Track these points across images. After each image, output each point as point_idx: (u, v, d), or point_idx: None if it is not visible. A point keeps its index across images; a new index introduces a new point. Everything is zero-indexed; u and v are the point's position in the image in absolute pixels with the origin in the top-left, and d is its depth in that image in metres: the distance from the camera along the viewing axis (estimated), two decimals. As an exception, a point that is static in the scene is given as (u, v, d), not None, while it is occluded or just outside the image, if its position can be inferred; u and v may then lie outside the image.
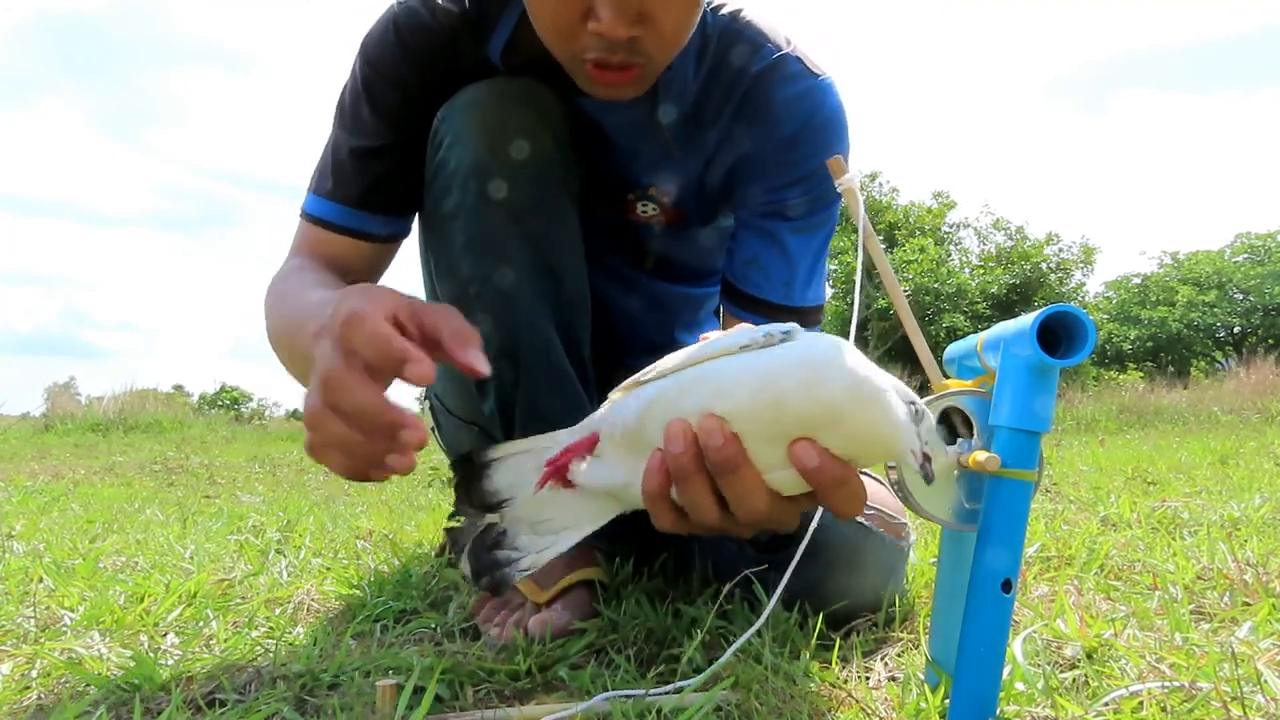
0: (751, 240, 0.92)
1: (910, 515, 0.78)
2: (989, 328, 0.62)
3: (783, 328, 0.54)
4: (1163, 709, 0.60)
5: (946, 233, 22.24)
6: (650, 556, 1.01)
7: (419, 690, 0.63)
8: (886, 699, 0.66)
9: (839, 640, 0.77)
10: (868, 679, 0.70)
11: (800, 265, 0.91)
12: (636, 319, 1.09)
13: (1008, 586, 0.56)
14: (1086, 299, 21.96)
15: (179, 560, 1.22)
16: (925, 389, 0.65)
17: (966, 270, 21.16)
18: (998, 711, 0.57)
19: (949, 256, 21.37)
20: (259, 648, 0.79)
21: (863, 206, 0.65)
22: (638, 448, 0.57)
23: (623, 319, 1.08)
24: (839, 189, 0.66)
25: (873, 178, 21.72)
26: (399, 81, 0.86)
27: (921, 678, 0.66)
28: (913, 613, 0.87)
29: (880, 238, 0.78)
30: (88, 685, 0.70)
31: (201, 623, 0.89)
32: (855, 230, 0.64)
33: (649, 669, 0.72)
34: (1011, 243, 21.78)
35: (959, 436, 0.61)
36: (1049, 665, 0.69)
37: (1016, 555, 0.56)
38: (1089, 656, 0.72)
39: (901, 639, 0.81)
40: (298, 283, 0.84)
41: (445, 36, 0.86)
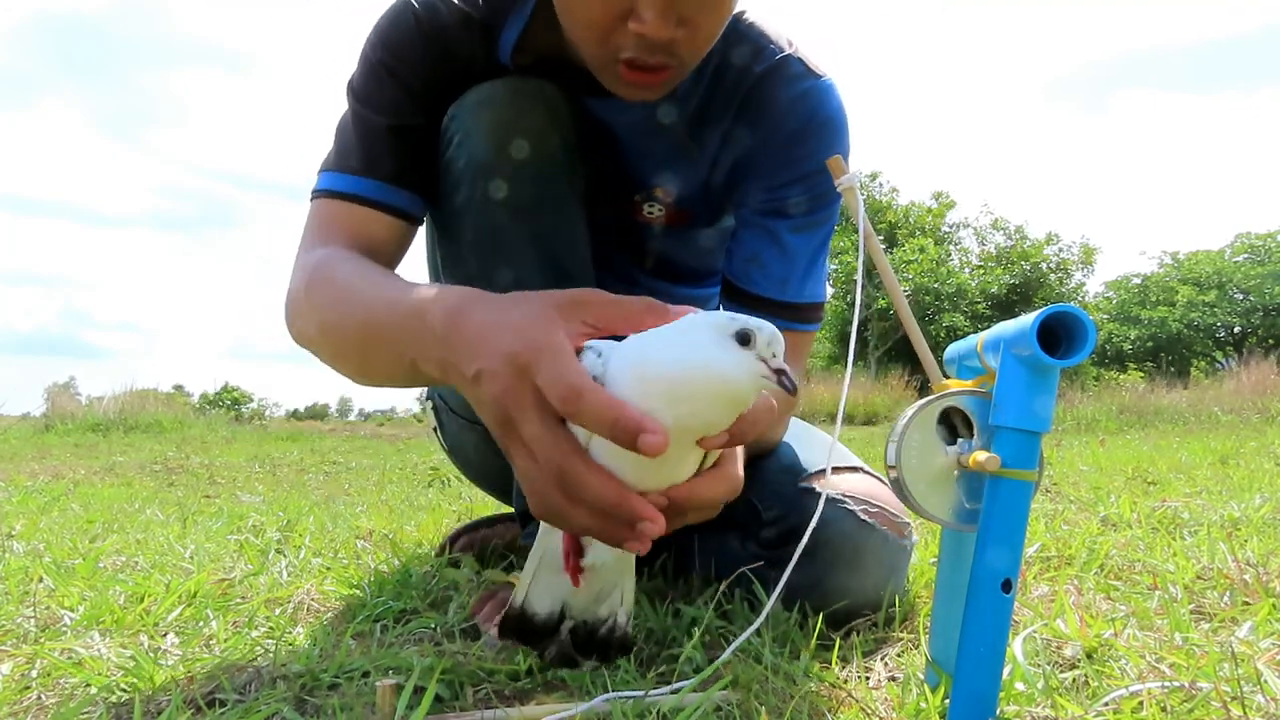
0: (751, 238, 0.92)
1: (912, 514, 0.78)
2: (989, 328, 0.62)
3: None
4: (1163, 709, 0.60)
5: (946, 233, 22.26)
6: (650, 556, 1.01)
7: (419, 690, 0.63)
8: (886, 699, 0.66)
9: (839, 640, 0.77)
10: (868, 679, 0.70)
11: (799, 263, 0.91)
12: None
13: (1008, 586, 0.56)
14: (1086, 299, 21.98)
15: (179, 560, 1.22)
16: (925, 389, 0.65)
17: (966, 270, 21.19)
18: (998, 711, 0.57)
19: (949, 256, 21.39)
20: (259, 648, 0.79)
21: (863, 206, 0.65)
22: None
23: None
24: (839, 189, 0.66)
25: (873, 177, 21.74)
26: (419, 65, 0.85)
27: (921, 678, 0.66)
28: (913, 613, 0.87)
29: (880, 237, 0.78)
30: (88, 685, 0.70)
31: (201, 623, 0.89)
32: (855, 230, 0.64)
33: (649, 669, 0.72)
34: (1011, 243, 21.80)
35: (959, 436, 0.61)
36: (1049, 665, 0.69)
37: (1016, 555, 0.56)
38: (1089, 656, 0.72)
39: (901, 639, 0.81)
40: (353, 270, 0.77)
41: (458, 31, 0.86)
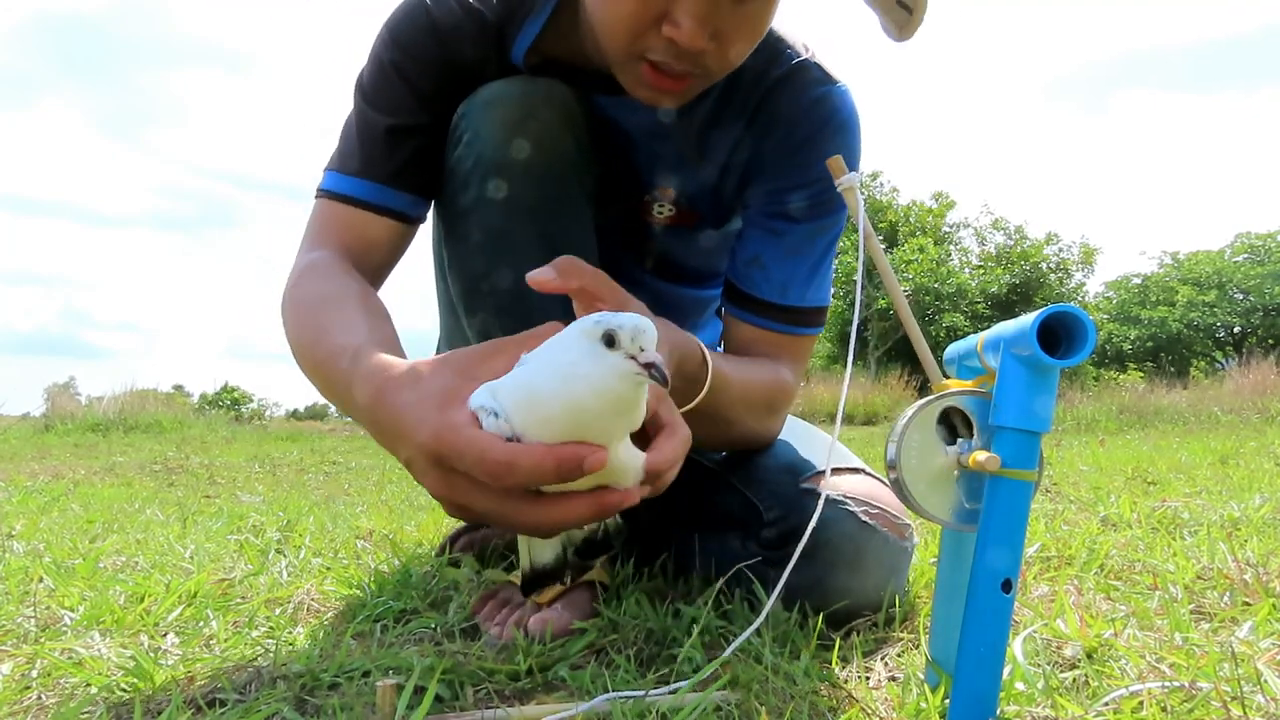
0: (755, 240, 0.92)
1: (912, 515, 0.78)
2: (989, 328, 0.62)
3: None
4: (1163, 709, 0.60)
5: (946, 233, 22.26)
6: (650, 556, 1.01)
7: (419, 690, 0.63)
8: (886, 699, 0.66)
9: (839, 640, 0.77)
10: (868, 679, 0.70)
11: (802, 267, 0.91)
12: None
13: (1008, 586, 0.56)
14: (1086, 299, 21.99)
15: (179, 560, 1.22)
16: (925, 389, 0.65)
17: (966, 270, 21.19)
18: (998, 711, 0.57)
19: (949, 256, 21.39)
20: (259, 648, 0.79)
21: (863, 206, 0.65)
22: None
23: None
24: (839, 188, 0.66)
25: (874, 177, 21.75)
26: (430, 64, 0.85)
27: (921, 678, 0.66)
28: (913, 613, 0.87)
29: (880, 237, 0.78)
30: (88, 685, 0.70)
31: (201, 623, 0.89)
32: (855, 230, 0.65)
33: (649, 669, 0.72)
34: (1011, 243, 21.80)
35: (959, 436, 0.61)
36: (1049, 665, 0.69)
37: (1016, 555, 0.56)
38: (1089, 656, 0.72)
39: (901, 639, 0.81)
40: (321, 297, 0.79)
41: (470, 30, 0.86)
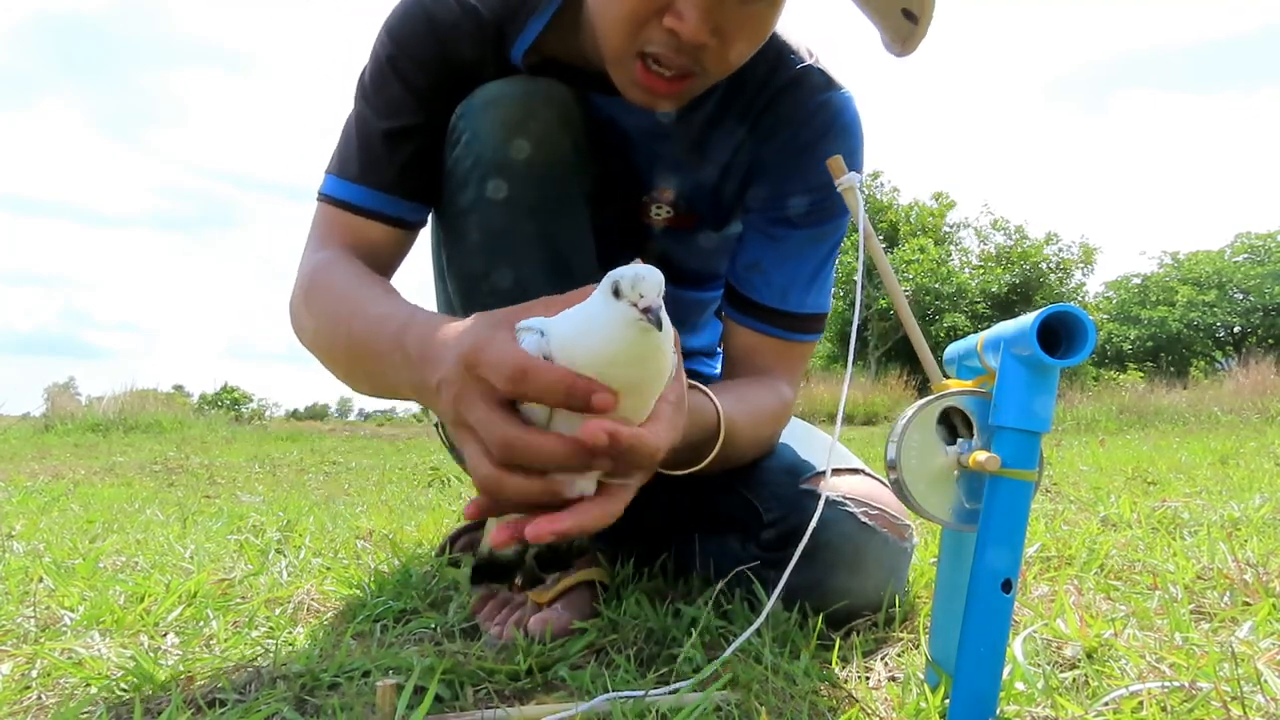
0: (756, 245, 0.92)
1: (912, 515, 0.78)
2: (989, 327, 0.62)
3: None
4: (1163, 709, 0.60)
5: (947, 233, 22.25)
6: (650, 556, 1.01)
7: (419, 690, 0.63)
8: (886, 699, 0.66)
9: (839, 640, 0.77)
10: (868, 679, 0.70)
11: (803, 272, 0.91)
12: None
13: (1008, 586, 0.56)
14: (1086, 299, 21.99)
15: (179, 560, 1.22)
16: (925, 389, 0.65)
17: (966, 270, 21.18)
18: (998, 711, 0.57)
19: (949, 256, 21.39)
20: (259, 648, 0.79)
21: (863, 207, 0.65)
22: None
23: None
24: (839, 189, 0.66)
25: (874, 177, 21.75)
26: (427, 64, 0.85)
27: (921, 678, 0.66)
28: (913, 613, 0.87)
29: (881, 237, 0.78)
30: (88, 685, 0.70)
31: (201, 623, 0.89)
32: (855, 230, 0.65)
33: (649, 669, 0.72)
34: (1011, 243, 21.80)
35: (959, 436, 0.61)
36: (1049, 665, 0.69)
37: (1016, 555, 0.56)
38: (1089, 656, 0.72)
39: (901, 639, 0.81)
40: (346, 282, 0.80)
41: (469, 30, 0.86)
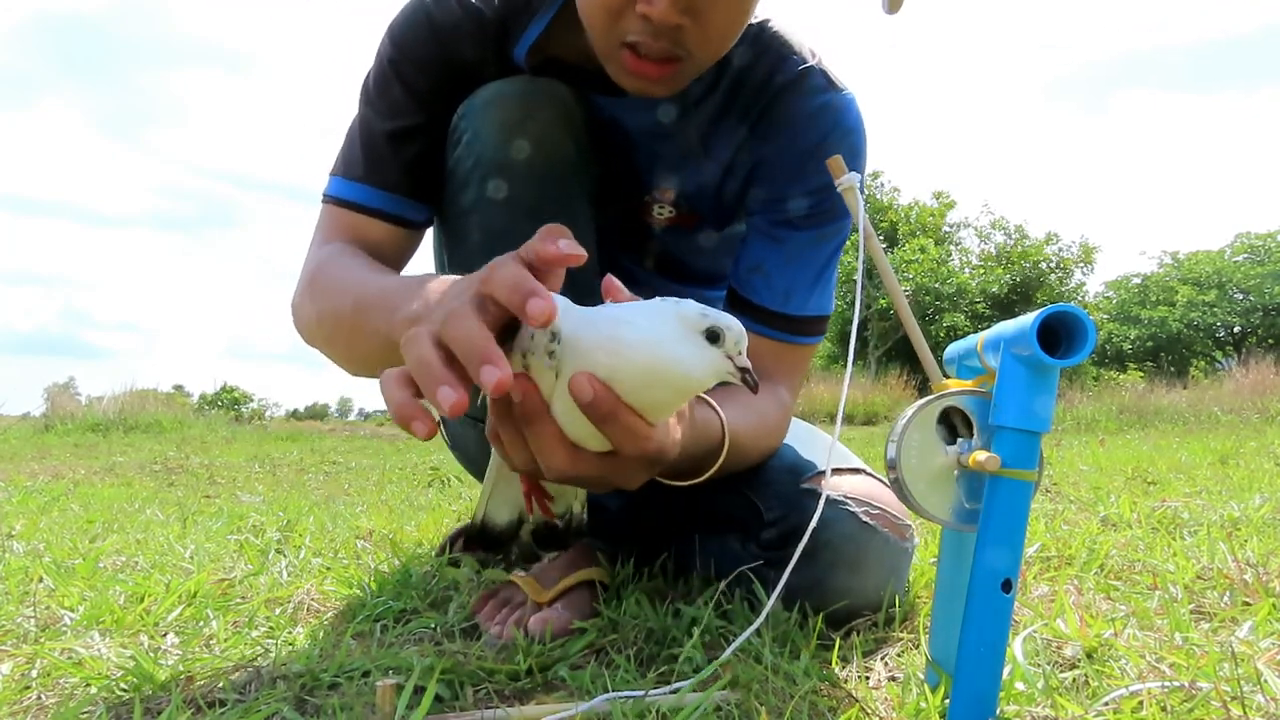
0: (758, 247, 0.92)
1: (912, 515, 0.78)
2: (989, 327, 0.62)
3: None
4: (1163, 709, 0.60)
5: (947, 232, 22.26)
6: (650, 556, 1.01)
7: (419, 690, 0.63)
8: (886, 699, 0.66)
9: (839, 640, 0.77)
10: (868, 679, 0.70)
11: (805, 275, 0.91)
12: None
13: (1008, 586, 0.56)
14: (1086, 299, 21.99)
15: (179, 560, 1.22)
16: (925, 389, 0.65)
17: (966, 270, 21.18)
18: (998, 711, 0.57)
19: (949, 256, 21.39)
20: (259, 648, 0.79)
21: (863, 206, 0.65)
22: None
23: None
24: (839, 188, 0.66)
25: (875, 177, 21.75)
26: (427, 65, 0.86)
27: (921, 678, 0.66)
28: (913, 613, 0.87)
29: (880, 237, 0.78)
30: (88, 685, 0.70)
31: (201, 623, 0.89)
32: (855, 230, 0.65)
33: (649, 669, 0.72)
34: (1011, 242, 21.80)
35: (959, 436, 0.61)
36: (1049, 665, 0.69)
37: (1016, 555, 0.56)
38: (1089, 656, 0.72)
39: (901, 639, 0.81)
40: (349, 265, 0.81)
41: (471, 31, 0.86)
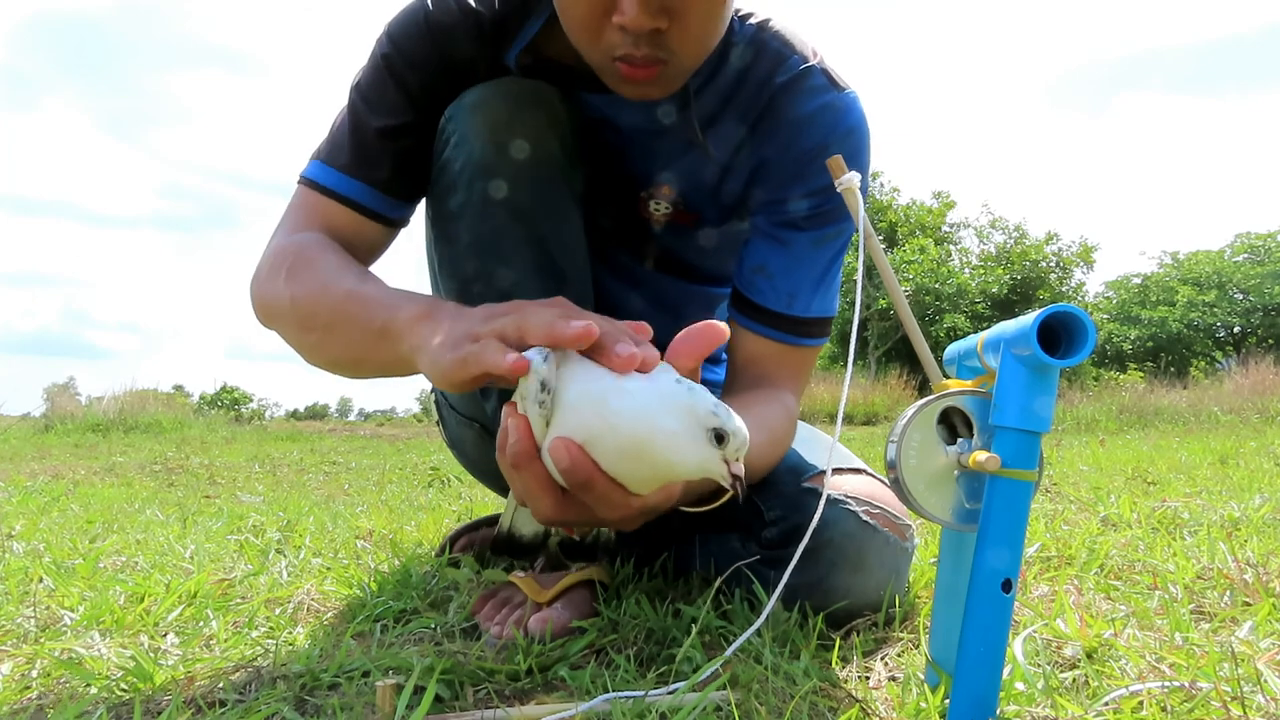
0: (762, 248, 0.92)
1: (913, 515, 0.78)
2: (989, 327, 0.62)
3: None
4: (1163, 709, 0.60)
5: (946, 232, 22.26)
6: (650, 556, 1.01)
7: (419, 690, 0.63)
8: (886, 699, 0.66)
9: (839, 640, 0.77)
10: (868, 679, 0.70)
11: (808, 277, 0.91)
12: (642, 317, 1.09)
13: (1008, 586, 0.56)
14: (1086, 299, 22.00)
15: (179, 560, 1.22)
16: (925, 389, 0.65)
17: (966, 270, 21.18)
18: (998, 711, 0.57)
19: (949, 256, 21.39)
20: (259, 648, 0.79)
21: (863, 206, 0.65)
22: None
23: (628, 317, 1.08)
24: (838, 188, 0.66)
25: (874, 177, 21.75)
26: (421, 65, 0.86)
27: (921, 678, 0.66)
28: (913, 613, 0.87)
29: (880, 237, 0.78)
30: (88, 685, 0.70)
31: (201, 623, 0.89)
32: (856, 230, 0.65)
33: (649, 669, 0.72)
34: (1011, 242, 21.80)
35: (959, 436, 0.61)
36: (1049, 665, 0.69)
37: (1016, 555, 0.56)
38: (1089, 656, 0.72)
39: (901, 639, 0.81)
40: (332, 260, 0.81)
41: (468, 31, 0.86)
